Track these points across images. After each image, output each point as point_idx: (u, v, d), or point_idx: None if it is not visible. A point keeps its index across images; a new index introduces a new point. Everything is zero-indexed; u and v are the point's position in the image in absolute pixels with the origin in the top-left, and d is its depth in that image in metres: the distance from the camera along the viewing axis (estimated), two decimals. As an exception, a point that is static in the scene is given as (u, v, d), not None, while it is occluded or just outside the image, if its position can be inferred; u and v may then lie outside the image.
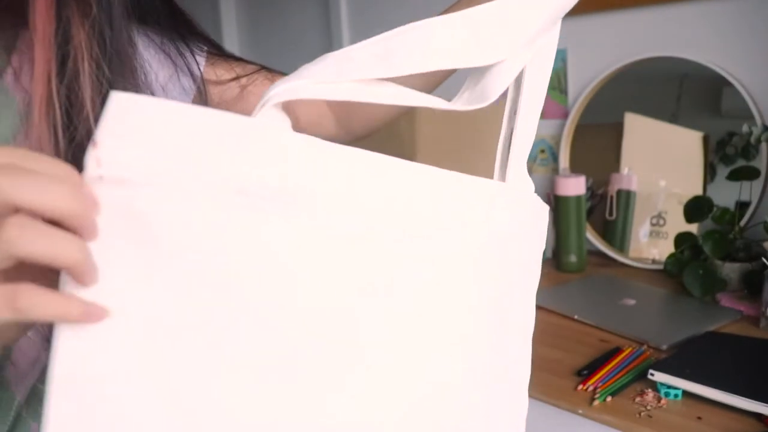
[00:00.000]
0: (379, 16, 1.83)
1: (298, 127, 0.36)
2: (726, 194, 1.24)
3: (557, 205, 1.34)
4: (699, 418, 0.76)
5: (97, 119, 0.42)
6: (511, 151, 0.46)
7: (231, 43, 2.27)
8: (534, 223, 0.48)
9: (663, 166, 1.38)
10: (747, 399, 0.74)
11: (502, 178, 0.46)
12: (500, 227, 0.44)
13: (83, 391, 0.31)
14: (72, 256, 0.30)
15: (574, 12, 0.54)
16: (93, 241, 0.31)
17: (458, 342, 0.42)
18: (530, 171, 0.47)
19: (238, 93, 0.66)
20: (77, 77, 0.44)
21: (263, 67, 0.69)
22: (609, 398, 0.81)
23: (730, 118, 1.26)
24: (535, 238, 0.49)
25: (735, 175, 1.21)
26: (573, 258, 1.33)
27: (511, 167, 0.46)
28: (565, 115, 1.47)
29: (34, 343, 0.49)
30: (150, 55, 0.59)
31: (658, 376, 0.82)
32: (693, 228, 1.26)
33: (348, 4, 1.90)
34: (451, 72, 0.64)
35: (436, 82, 0.70)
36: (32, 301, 0.30)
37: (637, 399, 0.81)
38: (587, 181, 1.38)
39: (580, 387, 0.85)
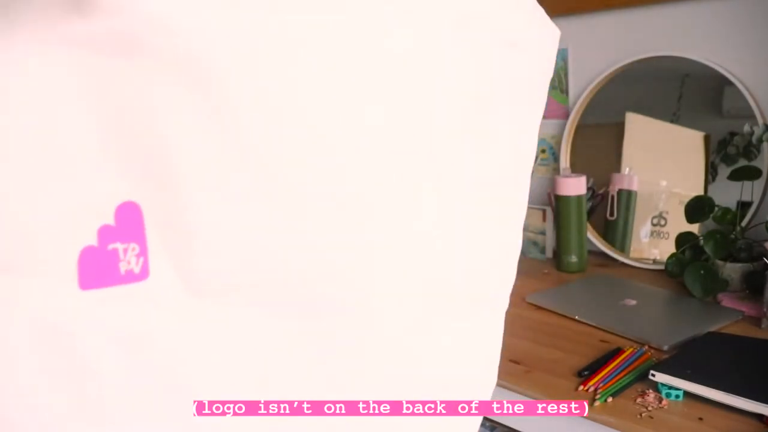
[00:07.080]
0: None
1: None
2: (727, 194, 1.23)
3: (558, 205, 1.34)
4: (700, 418, 0.76)
5: None
6: None
7: None
8: (539, 36, 0.39)
9: (664, 166, 1.37)
10: (748, 400, 0.74)
11: None
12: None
13: None
14: None
15: (575, 11, 0.53)
16: None
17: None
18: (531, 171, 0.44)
19: None
20: None
21: None
22: (610, 399, 0.81)
23: (731, 117, 1.26)
24: (537, 59, 0.40)
25: (736, 175, 1.21)
26: (574, 258, 1.33)
27: None
28: (566, 115, 1.47)
29: None
30: None
31: (659, 377, 0.81)
32: (694, 228, 1.26)
33: None
34: None
35: None
36: None
37: (638, 400, 0.81)
38: (588, 181, 1.37)
39: (580, 388, 0.85)
